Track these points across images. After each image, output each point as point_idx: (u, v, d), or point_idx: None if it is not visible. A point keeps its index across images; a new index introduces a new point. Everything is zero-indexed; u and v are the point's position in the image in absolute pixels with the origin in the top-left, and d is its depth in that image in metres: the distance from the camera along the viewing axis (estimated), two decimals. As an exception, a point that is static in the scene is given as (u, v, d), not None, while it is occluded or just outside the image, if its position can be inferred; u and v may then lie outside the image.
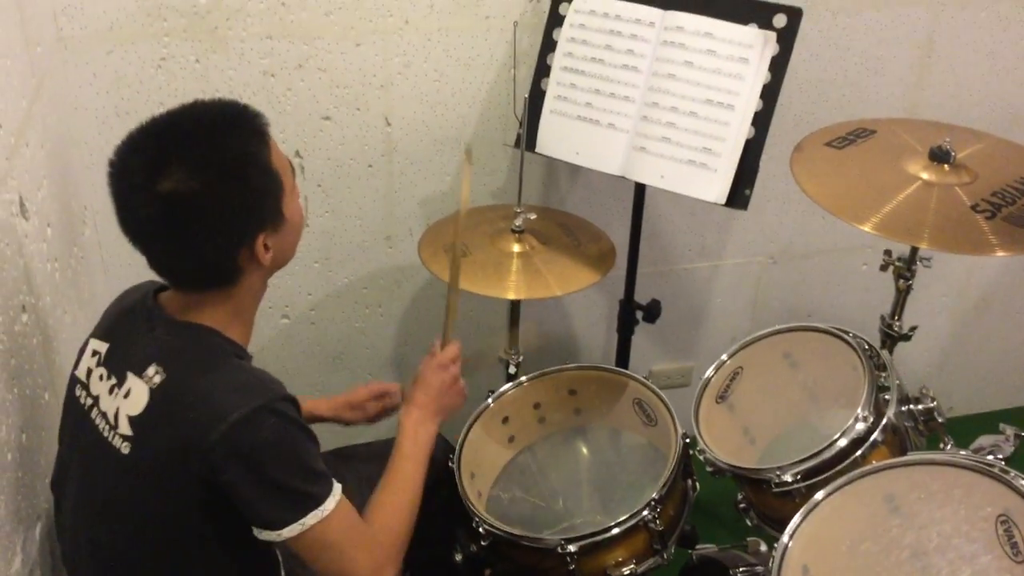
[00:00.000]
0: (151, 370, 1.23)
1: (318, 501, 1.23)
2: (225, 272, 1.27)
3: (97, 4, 1.79)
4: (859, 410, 1.64)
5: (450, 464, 1.75)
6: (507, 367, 2.03)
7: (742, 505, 1.81)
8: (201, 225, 1.21)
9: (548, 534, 1.65)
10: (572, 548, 1.57)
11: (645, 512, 1.61)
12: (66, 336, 1.62)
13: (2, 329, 1.30)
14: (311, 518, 1.22)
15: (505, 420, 1.91)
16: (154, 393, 1.22)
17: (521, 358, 2.02)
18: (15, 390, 1.34)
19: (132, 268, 1.99)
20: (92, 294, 1.86)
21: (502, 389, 1.91)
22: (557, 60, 1.89)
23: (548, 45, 1.91)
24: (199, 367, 1.24)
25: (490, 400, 1.88)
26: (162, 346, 1.26)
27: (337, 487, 1.27)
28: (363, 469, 1.70)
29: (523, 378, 1.93)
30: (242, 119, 1.26)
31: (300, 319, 2.24)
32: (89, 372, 1.32)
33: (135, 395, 1.23)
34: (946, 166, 1.73)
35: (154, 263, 1.27)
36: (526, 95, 1.88)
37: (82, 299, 1.77)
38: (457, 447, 1.78)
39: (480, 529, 1.64)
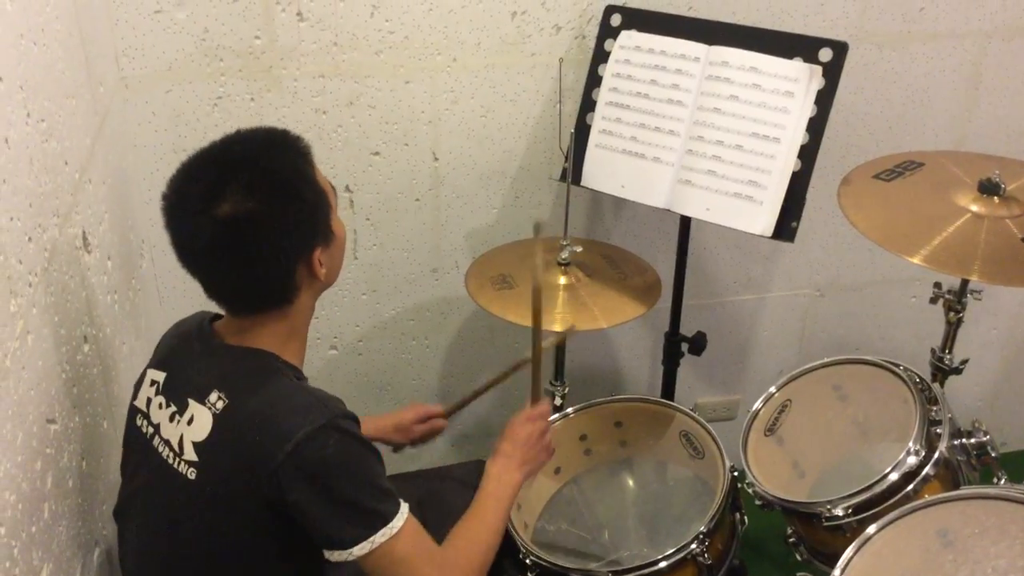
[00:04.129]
0: (213, 396, 1.26)
1: (386, 518, 1.24)
2: (284, 291, 1.30)
3: (157, 45, 1.85)
4: (911, 444, 1.63)
5: (497, 495, 1.75)
6: (553, 398, 2.03)
7: (792, 539, 1.79)
8: (262, 244, 1.24)
9: (595, 567, 1.65)
10: (619, 581, 1.57)
11: (693, 545, 1.60)
12: (124, 366, 1.66)
13: (65, 358, 1.34)
14: (380, 536, 1.22)
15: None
16: (218, 419, 1.24)
17: (567, 389, 2.03)
18: (76, 418, 1.37)
19: (187, 299, 2.05)
20: (149, 325, 1.90)
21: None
22: (602, 95, 1.92)
23: (593, 80, 1.94)
24: (261, 391, 1.26)
25: (544, 406, 1.88)
26: (222, 372, 1.29)
27: (405, 505, 1.27)
28: (412, 492, 1.71)
29: (569, 410, 1.93)
30: (287, 141, 1.32)
31: (348, 350, 2.27)
32: (148, 401, 1.35)
33: (198, 421, 1.26)
34: (996, 198, 1.72)
35: (213, 289, 1.30)
36: (572, 130, 1.91)
37: (139, 330, 1.81)
38: (504, 478, 1.78)
39: (527, 560, 1.64)
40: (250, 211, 1.22)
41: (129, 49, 1.85)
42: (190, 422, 1.27)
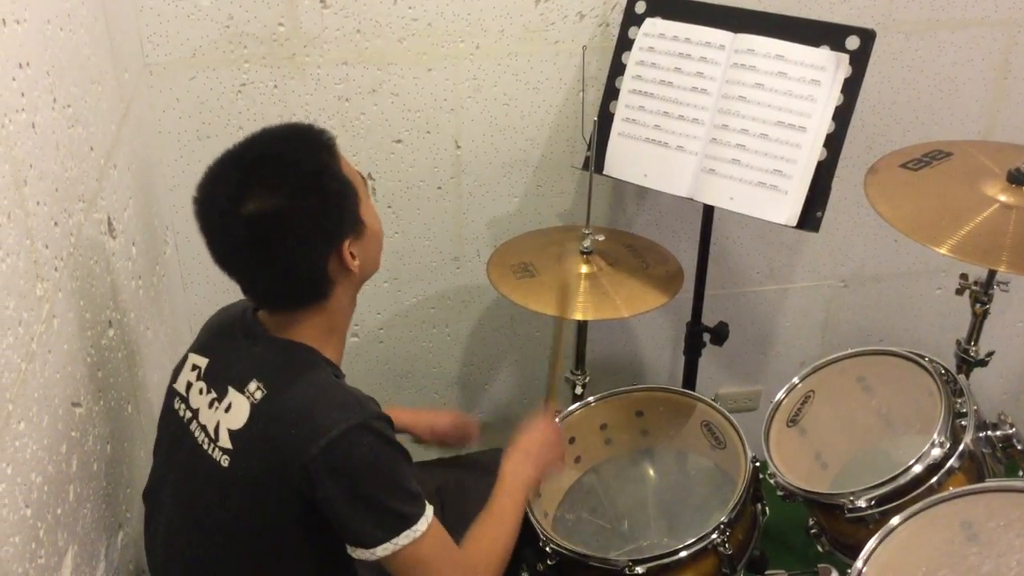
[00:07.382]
0: (252, 385, 1.26)
1: (411, 521, 1.25)
2: (318, 285, 1.30)
3: (181, 32, 1.86)
4: (935, 435, 1.61)
5: (517, 483, 1.75)
6: (573, 388, 2.03)
7: (813, 531, 1.78)
8: (289, 239, 1.24)
9: (615, 555, 1.65)
10: (640, 570, 1.56)
11: (714, 535, 1.60)
12: (148, 351, 1.67)
13: (90, 343, 1.35)
14: (403, 538, 1.23)
15: (572, 440, 1.91)
16: (255, 408, 1.25)
17: (588, 378, 2.03)
18: (101, 402, 1.38)
19: (210, 286, 2.07)
20: (172, 311, 1.92)
21: (569, 409, 1.91)
22: (626, 83, 1.90)
23: (617, 68, 1.92)
24: (300, 384, 1.27)
25: (557, 420, 1.89)
26: (263, 362, 1.30)
27: (429, 509, 1.28)
28: (433, 480, 1.72)
29: (590, 399, 1.93)
30: (309, 135, 1.32)
31: (369, 337, 2.28)
32: (189, 386, 1.36)
33: (236, 409, 1.27)
34: (1025, 188, 1.70)
35: (249, 288, 1.31)
36: (595, 118, 1.90)
37: (163, 315, 1.82)
38: (524, 466, 1.78)
39: (547, 549, 1.64)
40: (274, 207, 1.23)
41: (154, 36, 1.85)
42: (228, 409, 1.28)
